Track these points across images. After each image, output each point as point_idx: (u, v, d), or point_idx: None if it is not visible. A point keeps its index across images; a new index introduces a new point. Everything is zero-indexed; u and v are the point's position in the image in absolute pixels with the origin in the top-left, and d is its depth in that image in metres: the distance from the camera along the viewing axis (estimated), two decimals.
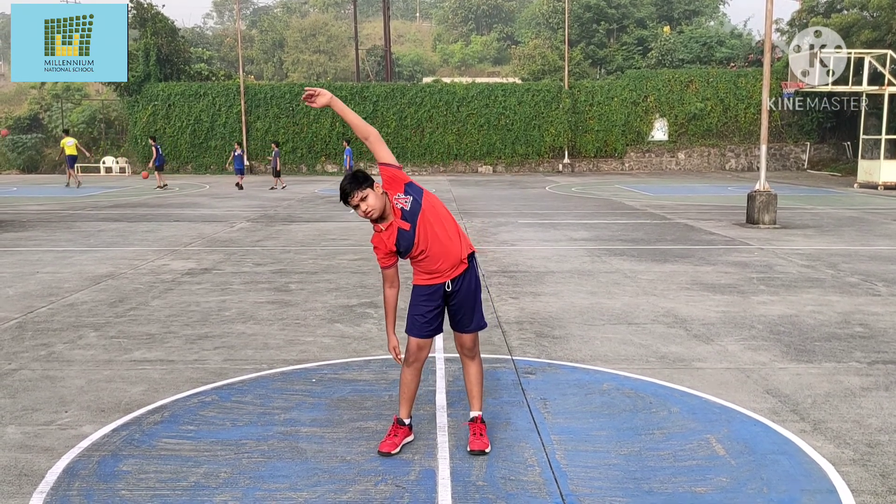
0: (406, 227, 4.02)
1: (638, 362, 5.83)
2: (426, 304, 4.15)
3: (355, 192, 3.96)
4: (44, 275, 9.60)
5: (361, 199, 3.95)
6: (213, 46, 63.23)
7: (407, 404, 4.27)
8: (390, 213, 4.05)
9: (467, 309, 4.20)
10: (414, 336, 4.17)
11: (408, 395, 4.26)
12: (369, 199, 3.96)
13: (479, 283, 4.26)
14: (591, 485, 3.77)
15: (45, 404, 4.94)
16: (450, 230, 4.10)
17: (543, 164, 37.17)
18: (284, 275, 9.61)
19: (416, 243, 4.03)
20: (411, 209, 4.02)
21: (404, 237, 4.03)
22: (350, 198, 3.97)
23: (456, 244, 4.10)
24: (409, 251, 4.07)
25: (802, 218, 16.00)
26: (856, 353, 6.05)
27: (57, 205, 20.00)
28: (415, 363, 4.21)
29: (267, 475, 3.88)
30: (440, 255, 4.06)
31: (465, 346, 4.26)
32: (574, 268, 10.01)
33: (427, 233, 4.03)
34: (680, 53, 46.64)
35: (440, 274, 4.11)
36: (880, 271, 9.71)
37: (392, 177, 4.05)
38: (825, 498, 3.63)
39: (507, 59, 60.63)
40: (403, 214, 4.02)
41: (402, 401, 4.27)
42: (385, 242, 4.08)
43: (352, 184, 3.98)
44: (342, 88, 37.55)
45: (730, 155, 37.46)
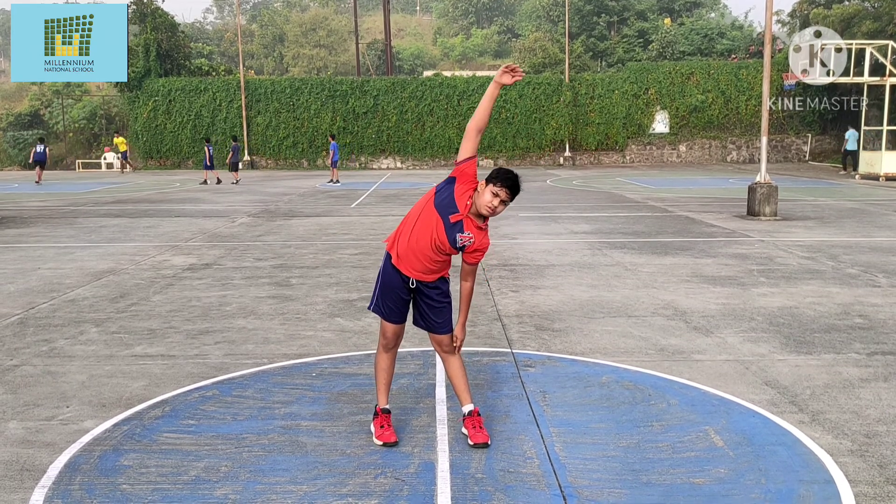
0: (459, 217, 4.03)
1: (637, 355, 5.84)
2: (391, 292, 4.17)
3: (511, 199, 3.98)
4: (45, 271, 9.63)
5: (503, 203, 3.96)
6: (213, 41, 63.23)
7: (385, 390, 4.31)
8: (481, 224, 4.07)
9: (436, 314, 4.20)
10: (390, 322, 4.21)
11: (385, 380, 4.30)
12: (504, 208, 4.00)
13: (447, 298, 4.24)
14: (590, 477, 3.79)
15: (47, 399, 4.96)
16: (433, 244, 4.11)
17: (544, 158, 37.15)
18: (285, 269, 9.63)
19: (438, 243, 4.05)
20: (456, 242, 4.05)
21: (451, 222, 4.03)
22: (506, 197, 3.94)
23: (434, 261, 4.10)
24: (444, 216, 4.05)
25: (803, 210, 15.98)
26: (855, 345, 6.06)
27: (58, 201, 20.02)
28: (393, 349, 4.28)
29: (267, 469, 3.90)
30: (417, 253, 4.07)
31: (443, 343, 4.26)
32: (575, 261, 10.02)
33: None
34: (681, 45, 46.57)
35: (409, 266, 4.10)
36: (881, 263, 9.71)
37: (484, 247, 4.12)
38: (823, 488, 3.64)
39: (507, 53, 60.55)
40: (456, 230, 4.04)
41: (381, 388, 4.30)
42: (463, 193, 4.01)
43: (517, 190, 3.97)
44: (343, 83, 37.51)
45: (731, 147, 37.42)
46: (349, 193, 22.00)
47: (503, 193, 3.91)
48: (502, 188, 3.91)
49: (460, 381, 4.28)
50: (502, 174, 3.94)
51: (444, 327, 4.22)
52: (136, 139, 37.11)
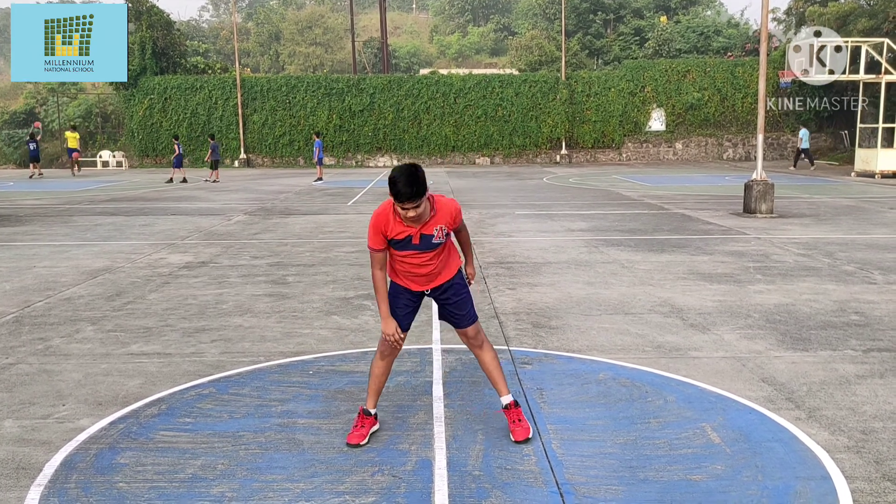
0: (417, 240, 4.00)
1: (634, 352, 5.84)
2: (401, 299, 4.19)
3: (413, 200, 3.78)
4: (40, 269, 9.60)
5: (413, 209, 3.81)
6: (208, 39, 63.09)
7: (375, 396, 4.30)
8: (425, 221, 3.96)
9: (458, 307, 4.23)
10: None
11: (377, 387, 4.29)
12: (419, 210, 3.84)
13: (465, 289, 4.27)
14: (587, 473, 3.79)
15: (43, 398, 4.95)
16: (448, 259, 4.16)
17: (541, 156, 37.13)
18: (282, 267, 9.61)
19: (419, 253, 4.04)
20: (437, 242, 4.03)
21: (412, 245, 4.01)
22: (405, 204, 3.78)
23: (443, 269, 4.15)
24: (406, 249, 4.03)
25: (799, 207, 16.01)
26: (851, 342, 6.07)
27: (53, 199, 19.97)
28: (389, 356, 4.25)
29: (264, 466, 3.90)
30: (426, 271, 4.11)
31: (469, 336, 4.29)
32: (571, 258, 10.02)
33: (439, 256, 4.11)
34: (677, 43, 46.60)
35: (416, 281, 4.15)
36: (876, 260, 9.72)
37: (455, 216, 4.08)
38: (819, 484, 3.65)
39: (504, 51, 60.54)
40: (429, 238, 4.01)
41: (371, 392, 4.29)
42: (391, 230, 3.96)
43: (409, 188, 3.74)
44: (339, 81, 37.45)
45: (727, 144, 37.44)
46: (345, 191, 21.98)
47: (405, 205, 3.80)
48: (398, 203, 3.81)
49: (495, 373, 4.31)
50: (390, 188, 3.79)
51: (468, 319, 4.24)
52: (132, 137, 36.98)
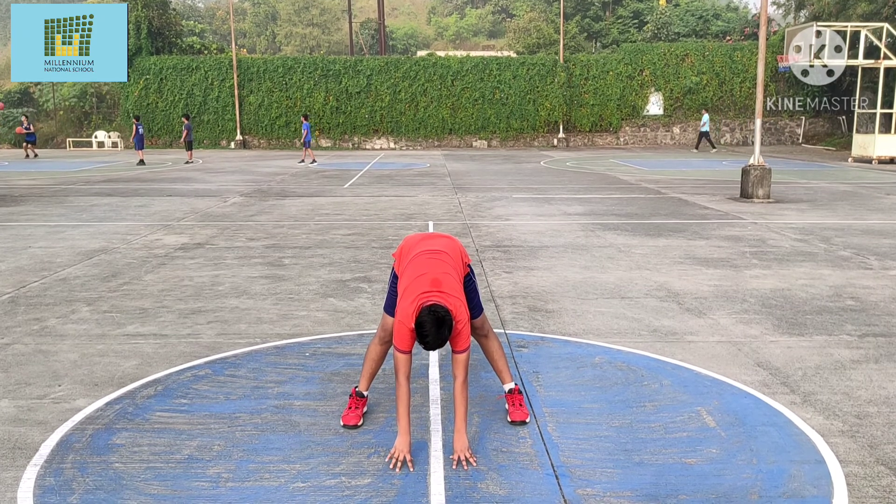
0: None
1: (630, 336, 5.85)
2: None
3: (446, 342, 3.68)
4: (36, 249, 9.57)
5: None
6: (204, 20, 62.61)
7: (368, 379, 4.28)
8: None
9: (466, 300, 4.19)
10: (392, 316, 4.15)
11: (372, 370, 4.27)
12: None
13: (472, 282, 4.21)
14: (583, 456, 3.80)
15: (39, 378, 4.94)
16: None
17: (538, 139, 37.05)
18: (278, 249, 9.60)
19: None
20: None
21: None
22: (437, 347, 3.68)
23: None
24: None
25: (796, 192, 16.01)
26: (847, 326, 6.09)
27: (49, 179, 19.88)
28: (388, 343, 4.19)
29: (260, 448, 3.90)
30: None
31: (476, 326, 4.24)
32: (568, 242, 10.02)
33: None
34: (676, 27, 46.42)
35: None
36: (872, 245, 9.74)
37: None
38: (814, 468, 3.67)
39: (501, 33, 60.22)
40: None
41: (365, 375, 4.28)
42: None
43: (439, 337, 3.60)
44: (336, 62, 37.25)
45: (725, 129, 37.39)
46: (342, 174, 21.92)
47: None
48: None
49: (500, 362, 4.30)
50: (417, 333, 3.62)
51: (475, 310, 4.19)
52: (128, 118, 36.80)
